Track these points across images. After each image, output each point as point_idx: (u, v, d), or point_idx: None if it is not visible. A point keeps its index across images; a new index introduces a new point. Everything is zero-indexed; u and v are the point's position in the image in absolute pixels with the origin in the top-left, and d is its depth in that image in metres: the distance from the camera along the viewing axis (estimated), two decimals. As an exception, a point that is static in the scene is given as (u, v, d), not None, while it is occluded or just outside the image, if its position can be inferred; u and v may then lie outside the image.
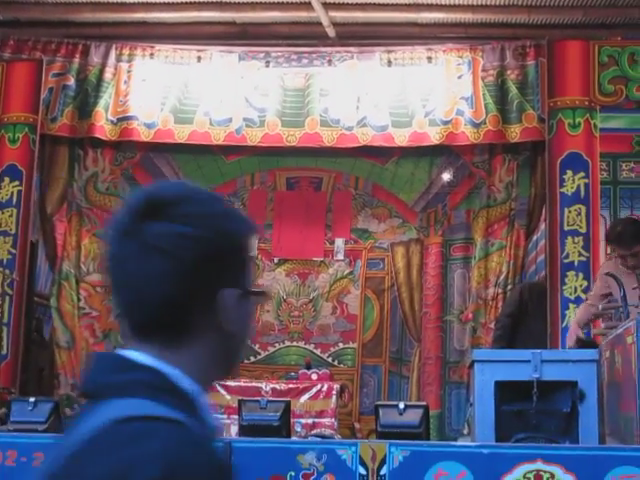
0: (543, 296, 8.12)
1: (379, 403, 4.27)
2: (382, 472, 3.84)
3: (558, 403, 4.41)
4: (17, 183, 8.80)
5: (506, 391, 4.43)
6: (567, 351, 5.69)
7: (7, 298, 8.62)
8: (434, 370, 9.52)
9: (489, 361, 4.49)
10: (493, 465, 3.85)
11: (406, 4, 8.92)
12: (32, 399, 4.40)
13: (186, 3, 9.06)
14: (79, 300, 9.79)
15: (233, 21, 9.50)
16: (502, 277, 9.43)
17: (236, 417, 6.51)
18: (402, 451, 3.85)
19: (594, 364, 4.45)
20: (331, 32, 9.41)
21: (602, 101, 8.20)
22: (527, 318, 7.96)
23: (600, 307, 5.73)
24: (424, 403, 4.99)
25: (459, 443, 4.61)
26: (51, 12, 9.32)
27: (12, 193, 8.78)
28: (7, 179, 8.79)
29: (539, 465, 3.80)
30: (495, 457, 3.87)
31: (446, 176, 9.93)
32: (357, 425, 9.01)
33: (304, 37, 9.65)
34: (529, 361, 4.39)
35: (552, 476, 3.78)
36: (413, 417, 4.11)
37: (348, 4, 8.97)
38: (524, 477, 3.79)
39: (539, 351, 4.73)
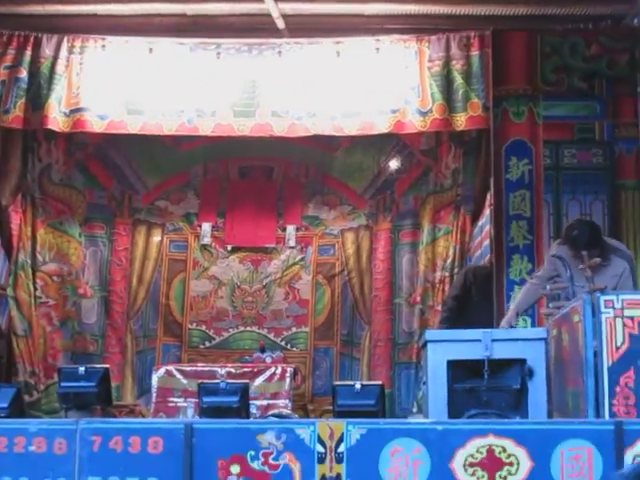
0: (488, 279, 8.10)
1: (337, 383, 4.28)
2: (340, 450, 3.82)
3: (508, 380, 4.42)
4: None
5: (458, 369, 4.44)
6: (516, 330, 5.66)
7: (-38, 288, 8.40)
8: (384, 351, 9.53)
9: (442, 341, 4.49)
10: (447, 441, 3.82)
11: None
12: None
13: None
14: (35, 289, 9.67)
15: (184, 13, 9.31)
16: (449, 261, 9.47)
17: (193, 400, 6.56)
18: (359, 429, 3.84)
19: (542, 342, 4.47)
20: (281, 24, 9.28)
21: (545, 90, 8.21)
22: (472, 300, 7.97)
23: (548, 288, 5.75)
24: (380, 383, 4.98)
25: (414, 420, 4.58)
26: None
27: None
28: None
29: (491, 440, 3.79)
30: (449, 433, 3.85)
31: (394, 164, 9.92)
32: (310, 406, 9.00)
33: (254, 29, 9.48)
34: (480, 340, 4.40)
35: (504, 450, 3.77)
36: (369, 396, 4.10)
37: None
38: (477, 451, 3.78)
39: (489, 330, 4.76)
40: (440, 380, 4.41)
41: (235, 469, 3.85)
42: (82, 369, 4.32)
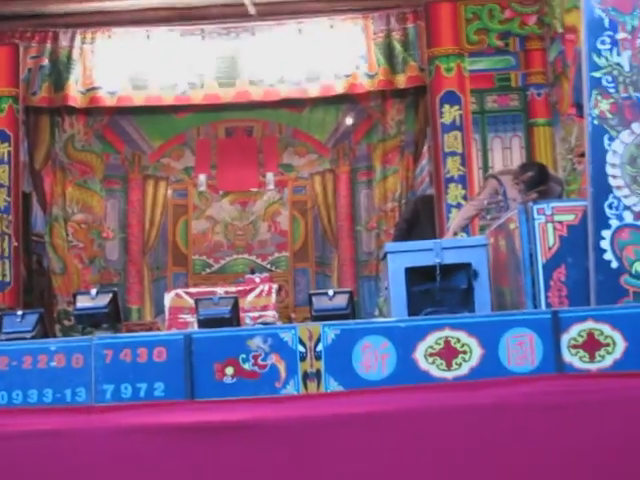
0: (432, 205, 7.99)
1: (312, 292, 3.91)
2: (318, 349, 3.55)
3: (457, 281, 4.16)
4: (7, 145, 8.37)
5: (414, 275, 4.16)
6: (462, 239, 5.49)
7: (6, 237, 8.23)
8: (349, 269, 9.46)
9: (400, 251, 4.19)
10: (409, 335, 3.53)
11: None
12: (20, 312, 4.06)
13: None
14: (67, 236, 9.46)
15: (174, 6, 9.02)
16: (397, 194, 9.32)
17: None
18: (334, 330, 3.56)
19: (484, 248, 4.19)
20: (252, 10, 8.99)
21: (469, 49, 7.97)
22: (420, 222, 7.81)
23: (485, 202, 5.48)
24: (349, 289, 4.63)
25: (380, 319, 4.31)
26: (24, 5, 8.75)
27: (3, 153, 8.34)
28: None
29: (447, 332, 3.50)
30: (410, 329, 3.56)
31: (349, 119, 9.67)
32: (293, 315, 8.95)
33: (231, 15, 9.18)
34: (432, 249, 4.11)
35: (458, 340, 3.50)
36: (341, 301, 3.78)
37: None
38: (435, 343, 3.50)
39: (439, 240, 4.54)
40: (400, 285, 4.13)
41: (229, 370, 3.56)
42: (94, 292, 3.94)
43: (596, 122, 3.92)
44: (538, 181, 5.19)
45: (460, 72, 7.88)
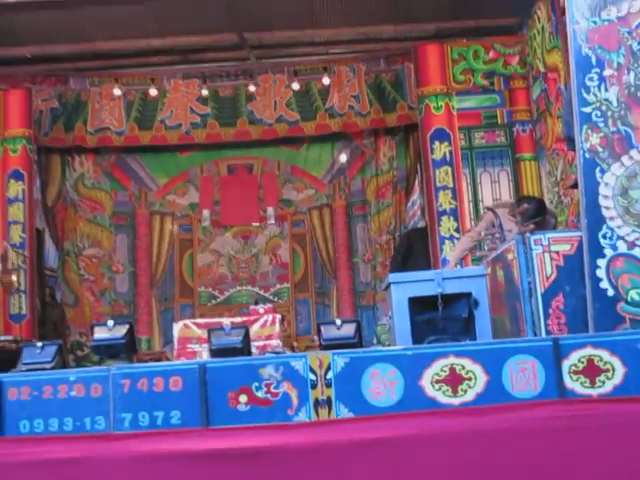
0: (424, 237, 8.01)
1: (320, 322, 3.82)
2: (328, 376, 3.46)
3: (458, 310, 4.07)
4: (21, 183, 8.36)
5: (417, 304, 4.08)
6: (462, 269, 5.42)
7: (22, 271, 8.17)
8: (348, 298, 9.40)
9: (403, 282, 4.11)
10: (416, 362, 3.44)
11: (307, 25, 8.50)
12: (39, 343, 3.99)
13: (136, 35, 8.47)
14: (79, 269, 9.45)
15: (174, 49, 8.98)
16: (391, 227, 9.33)
17: (207, 345, 6.28)
18: (343, 358, 3.48)
19: (484, 278, 4.11)
20: (251, 55, 9.02)
21: (456, 88, 7.97)
22: (413, 253, 7.90)
23: (482, 234, 5.43)
24: (357, 319, 4.56)
25: (388, 348, 4.23)
26: (35, 48, 8.67)
27: (18, 191, 8.33)
28: (12, 180, 8.35)
29: (452, 359, 3.42)
30: (417, 356, 3.48)
31: (344, 156, 9.69)
32: (295, 344, 8.86)
33: (230, 59, 9.28)
34: (433, 279, 4.04)
35: (463, 367, 3.42)
36: (349, 330, 3.70)
37: (263, 27, 8.48)
38: (441, 370, 3.42)
39: (440, 271, 4.49)
40: (403, 314, 4.05)
41: (243, 398, 3.48)
42: (110, 323, 3.87)
43: (587, 155, 3.89)
44: (535, 213, 5.15)
45: (449, 110, 7.88)
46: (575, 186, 4.90)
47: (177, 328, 7.30)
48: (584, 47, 3.96)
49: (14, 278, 8.00)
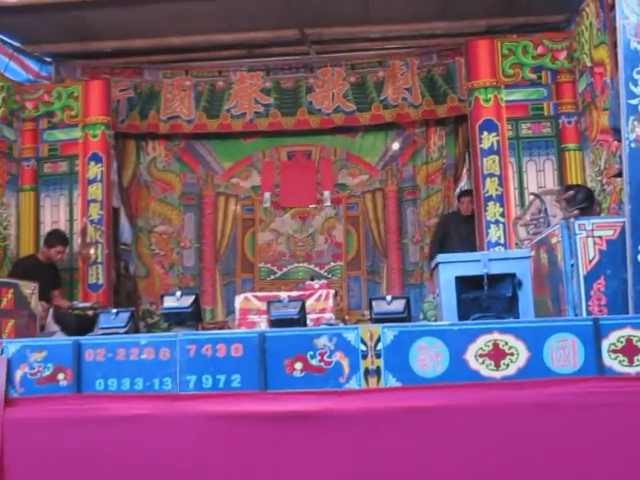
0: (457, 221, 8.13)
1: (373, 297, 3.80)
2: (378, 348, 3.44)
3: (502, 290, 4.01)
4: (100, 165, 8.39)
5: (464, 283, 4.03)
6: (507, 251, 5.35)
7: (100, 245, 8.26)
8: (397, 277, 9.32)
9: (450, 262, 4.06)
10: (461, 338, 3.40)
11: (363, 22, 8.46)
12: (114, 310, 4.04)
13: (206, 31, 8.56)
14: (151, 245, 9.57)
15: (241, 44, 9.04)
16: (439, 211, 9.24)
17: (265, 317, 6.28)
18: (392, 331, 3.44)
19: (528, 260, 4.04)
20: (311, 50, 9.00)
21: (505, 81, 7.78)
22: (449, 238, 7.99)
23: (528, 217, 5.33)
24: (406, 295, 4.53)
25: (434, 323, 4.18)
26: (115, 42, 8.81)
27: (97, 172, 8.37)
28: (92, 163, 8.39)
29: (495, 336, 3.36)
30: (462, 332, 3.43)
31: (396, 144, 9.58)
32: (347, 317, 8.77)
33: (292, 53, 9.26)
34: (479, 260, 3.98)
35: (506, 343, 3.37)
36: (398, 306, 3.67)
37: (323, 24, 8.45)
38: (485, 345, 3.37)
39: (487, 252, 4.42)
40: (450, 292, 4.00)
41: (298, 365, 3.48)
42: (179, 293, 3.91)
43: (633, 145, 3.78)
44: (582, 200, 5.02)
45: (497, 102, 7.72)
46: (618, 175, 4.76)
47: (238, 300, 7.31)
48: (633, 41, 3.83)
49: (92, 251, 8.15)
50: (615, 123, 4.23)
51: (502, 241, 7.29)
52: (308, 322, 6.85)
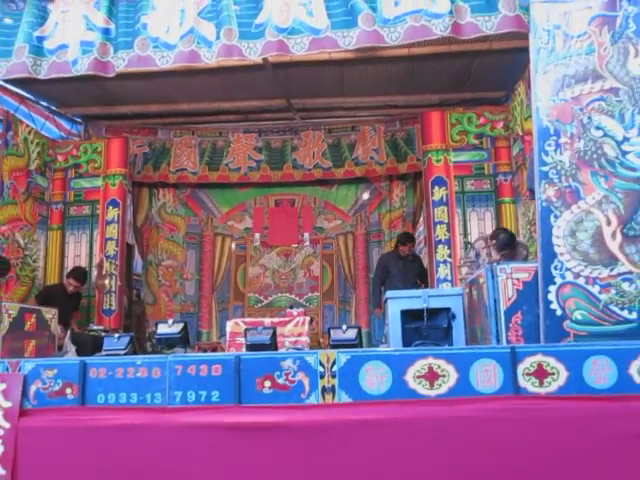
0: (395, 260, 7.97)
1: (330, 327, 3.84)
2: (333, 369, 3.47)
3: (439, 321, 4.05)
4: (117, 209, 8.41)
5: (407, 316, 4.05)
6: (443, 289, 5.36)
7: (114, 277, 8.21)
8: (364, 306, 9.24)
9: (396, 298, 4.09)
10: (401, 361, 3.43)
11: (339, 94, 8.57)
12: (117, 334, 4.03)
13: (209, 100, 8.66)
14: (158, 276, 9.49)
15: (238, 110, 9.11)
16: None
17: None
18: (345, 355, 3.49)
19: (460, 296, 4.08)
20: (296, 116, 9.14)
21: (453, 145, 7.87)
22: (389, 272, 7.89)
23: (462, 261, 5.38)
24: (358, 325, 4.55)
25: (380, 349, 4.18)
26: (134, 106, 8.91)
27: (114, 215, 8.38)
28: (110, 207, 8.41)
29: (430, 360, 3.41)
30: (402, 357, 3.46)
31: (365, 195, 9.60)
32: (321, 340, 8.68)
33: (281, 119, 9.32)
34: (420, 296, 4.01)
35: (439, 366, 3.40)
36: (351, 334, 3.68)
37: (306, 95, 8.57)
38: (422, 368, 3.41)
39: (427, 290, 4.44)
40: (396, 323, 4.03)
41: (267, 383, 3.51)
42: (170, 322, 3.91)
43: (544, 204, 3.86)
44: (505, 245, 5.07)
45: (446, 163, 7.81)
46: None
47: (229, 325, 7.27)
48: (545, 120, 3.94)
49: (107, 282, 8.13)
50: (532, 185, 4.32)
51: (449, 278, 7.27)
52: (287, 344, 6.86)
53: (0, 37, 4.75)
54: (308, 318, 7.80)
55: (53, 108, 8.85)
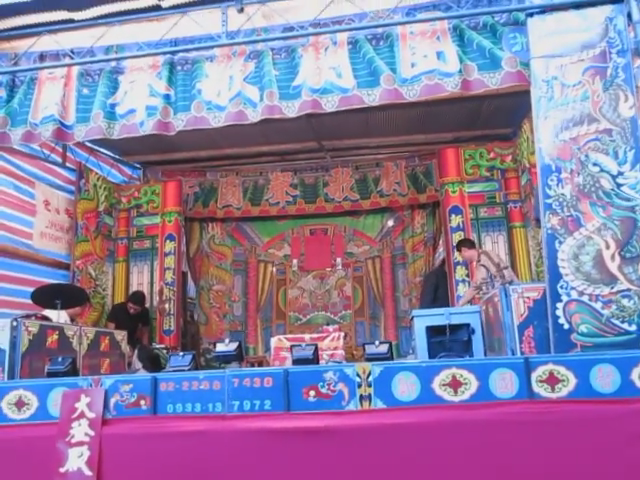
0: (445, 276, 7.96)
1: (365, 342, 3.93)
2: (369, 379, 3.55)
3: (460, 335, 4.12)
4: (173, 242, 8.65)
5: (432, 331, 4.13)
6: (464, 307, 5.41)
7: (172, 301, 8.43)
8: (392, 321, 9.31)
9: (422, 315, 4.19)
10: (428, 372, 3.51)
11: (364, 135, 8.71)
12: (181, 353, 4.14)
13: (251, 144, 8.88)
14: (209, 299, 9.65)
15: (276, 152, 9.29)
16: (422, 271, 9.24)
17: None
18: (379, 367, 3.57)
19: (478, 314, 4.15)
20: (327, 156, 9.28)
21: (467, 178, 7.96)
22: (441, 285, 7.88)
23: (478, 282, 5.44)
24: (389, 340, 4.64)
25: (409, 361, 4.26)
26: (186, 153, 9.13)
27: (171, 248, 8.63)
28: (168, 241, 8.66)
29: (454, 370, 3.48)
30: (429, 367, 3.53)
31: (390, 223, 9.68)
32: (355, 352, 8.77)
33: (314, 158, 9.48)
34: (443, 314, 4.10)
35: (462, 375, 3.47)
36: (383, 348, 3.78)
37: (335, 137, 8.74)
38: (446, 377, 3.48)
39: (448, 309, 4.51)
40: (422, 337, 4.11)
41: (312, 393, 3.60)
42: (227, 341, 4.06)
43: (549, 232, 3.94)
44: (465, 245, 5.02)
45: (461, 193, 7.89)
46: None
47: (274, 341, 7.39)
48: (547, 158, 4.04)
49: (166, 306, 8.33)
50: (537, 214, 4.39)
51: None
52: (326, 357, 6.95)
53: (79, 105, 5.06)
54: (342, 334, 7.88)
55: (117, 157, 9.19)
